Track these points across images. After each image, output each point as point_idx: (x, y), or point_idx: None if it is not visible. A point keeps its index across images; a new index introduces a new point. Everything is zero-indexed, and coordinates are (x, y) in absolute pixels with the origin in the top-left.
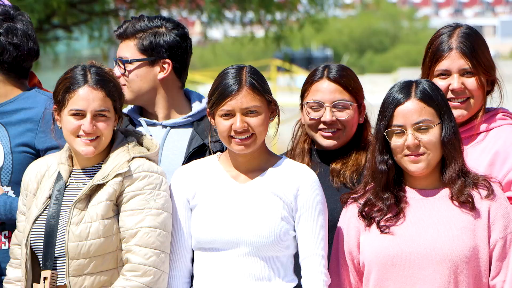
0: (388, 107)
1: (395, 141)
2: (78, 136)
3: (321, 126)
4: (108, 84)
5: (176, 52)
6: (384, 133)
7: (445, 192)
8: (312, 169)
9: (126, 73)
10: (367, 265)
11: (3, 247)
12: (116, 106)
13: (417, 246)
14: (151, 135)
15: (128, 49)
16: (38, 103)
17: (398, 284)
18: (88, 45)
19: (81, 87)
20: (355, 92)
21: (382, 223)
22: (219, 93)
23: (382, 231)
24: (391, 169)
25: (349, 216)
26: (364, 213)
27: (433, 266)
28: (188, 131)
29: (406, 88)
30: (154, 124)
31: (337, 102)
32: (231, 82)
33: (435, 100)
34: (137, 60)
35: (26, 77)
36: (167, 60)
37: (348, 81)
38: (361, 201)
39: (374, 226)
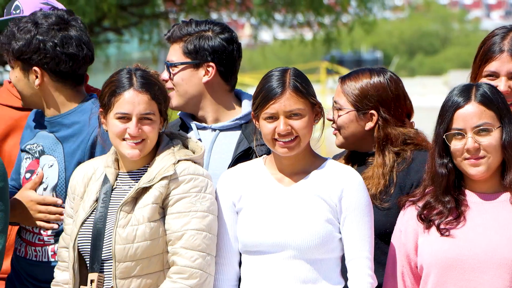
0: (448, 110)
1: (455, 145)
2: (124, 139)
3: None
4: (153, 87)
5: (221, 56)
6: (444, 137)
7: (506, 196)
8: None
9: (172, 76)
10: (426, 267)
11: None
12: (161, 109)
13: (478, 250)
14: (200, 139)
15: (175, 53)
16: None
17: (457, 287)
18: (138, 47)
19: (127, 91)
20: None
21: (442, 226)
22: (263, 96)
23: (442, 234)
24: (451, 172)
25: (407, 218)
26: (423, 216)
27: (493, 271)
28: (237, 134)
29: (466, 91)
30: (204, 128)
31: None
32: (275, 84)
33: (496, 103)
34: (182, 63)
35: (82, 83)
36: (211, 64)
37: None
38: (420, 204)
39: (433, 228)
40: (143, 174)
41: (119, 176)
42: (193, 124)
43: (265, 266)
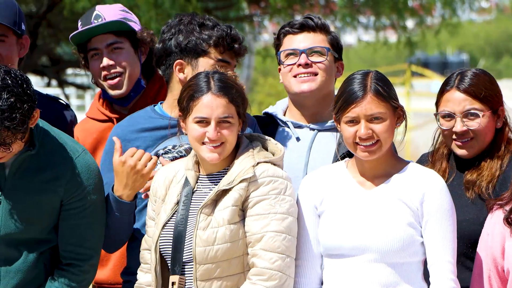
0: None
1: None
2: (203, 143)
3: (454, 136)
4: (231, 90)
5: (341, 55)
6: None
7: None
8: (448, 175)
9: (324, 62)
10: None
11: None
12: (240, 112)
13: None
14: (298, 137)
15: (321, 41)
16: None
17: None
18: None
19: (205, 95)
20: (488, 99)
21: None
22: (344, 100)
23: None
24: None
25: (494, 222)
26: (510, 219)
27: None
28: (334, 135)
29: None
30: (300, 126)
31: (467, 111)
32: (356, 88)
33: None
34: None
35: None
36: (341, 62)
37: (478, 90)
38: (507, 207)
39: None
40: (223, 176)
41: (199, 178)
42: (289, 122)
43: (346, 270)
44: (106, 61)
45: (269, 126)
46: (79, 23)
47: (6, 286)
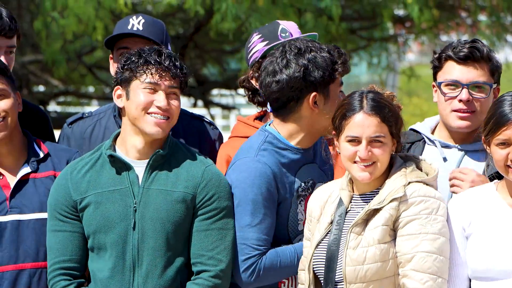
0: None
1: None
2: (355, 162)
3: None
4: (383, 110)
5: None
6: None
7: None
8: None
9: (486, 97)
10: None
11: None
12: (392, 131)
13: None
14: (444, 157)
15: (484, 73)
16: None
17: None
18: (367, 71)
19: (357, 114)
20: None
21: None
22: (495, 122)
23: None
24: None
25: None
26: None
27: None
28: (481, 156)
29: None
30: (448, 146)
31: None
32: (507, 110)
33: None
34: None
35: None
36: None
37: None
38: None
39: None
40: (375, 196)
41: (353, 198)
42: (437, 142)
43: None
44: None
45: (415, 143)
46: (257, 36)
47: None
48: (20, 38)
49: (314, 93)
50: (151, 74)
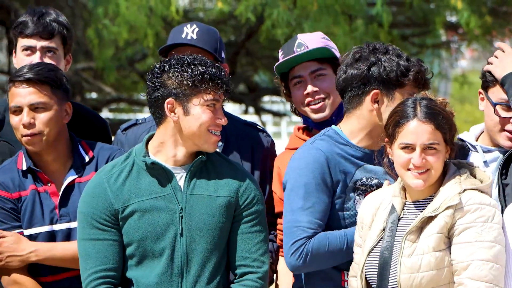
0: None
1: None
2: (408, 169)
3: None
4: (437, 117)
5: None
6: None
7: None
8: None
9: None
10: None
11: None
12: (446, 138)
13: None
14: (485, 161)
15: None
16: None
17: None
18: None
19: (411, 121)
20: None
21: None
22: None
23: None
24: None
25: None
26: None
27: None
28: None
29: None
30: (489, 151)
31: None
32: None
33: None
34: None
35: None
36: None
37: None
38: None
39: None
40: (429, 203)
41: (405, 205)
42: (478, 147)
43: None
44: (310, 88)
45: (461, 151)
46: (280, 53)
47: None
48: (68, 43)
49: (376, 90)
50: (214, 91)
